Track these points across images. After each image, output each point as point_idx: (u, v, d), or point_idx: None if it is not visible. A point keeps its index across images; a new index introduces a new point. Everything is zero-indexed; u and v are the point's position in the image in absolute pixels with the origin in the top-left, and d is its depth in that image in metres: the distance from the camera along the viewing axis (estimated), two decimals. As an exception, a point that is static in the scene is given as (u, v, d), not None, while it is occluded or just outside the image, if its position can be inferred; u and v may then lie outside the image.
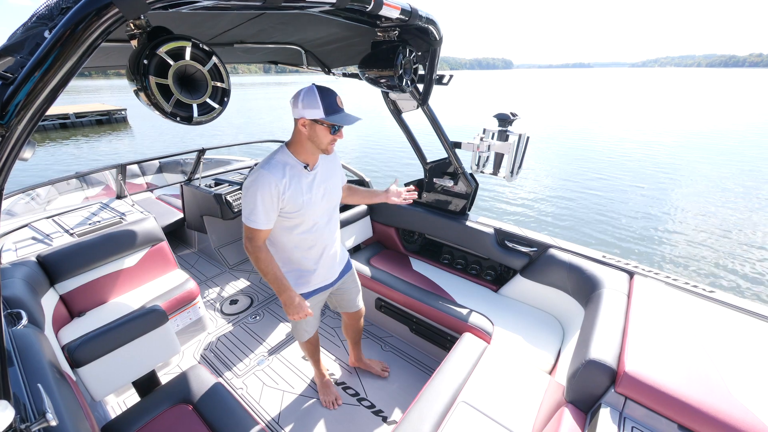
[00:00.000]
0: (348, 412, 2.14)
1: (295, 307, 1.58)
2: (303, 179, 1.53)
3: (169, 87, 0.96)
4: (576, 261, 2.14)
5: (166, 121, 1.03)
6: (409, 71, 1.82)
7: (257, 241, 1.51)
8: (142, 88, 0.94)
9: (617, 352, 1.41)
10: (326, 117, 1.37)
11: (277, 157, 1.50)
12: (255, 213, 1.45)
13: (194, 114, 1.03)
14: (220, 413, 1.61)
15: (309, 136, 1.44)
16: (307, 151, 1.51)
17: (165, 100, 0.96)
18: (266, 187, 1.42)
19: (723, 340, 1.43)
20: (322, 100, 1.36)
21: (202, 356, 2.59)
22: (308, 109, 1.37)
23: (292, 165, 1.50)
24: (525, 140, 2.30)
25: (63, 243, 2.40)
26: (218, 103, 1.08)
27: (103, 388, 1.65)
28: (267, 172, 1.43)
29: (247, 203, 1.46)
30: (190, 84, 1.03)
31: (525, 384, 1.70)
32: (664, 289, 1.79)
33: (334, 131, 1.42)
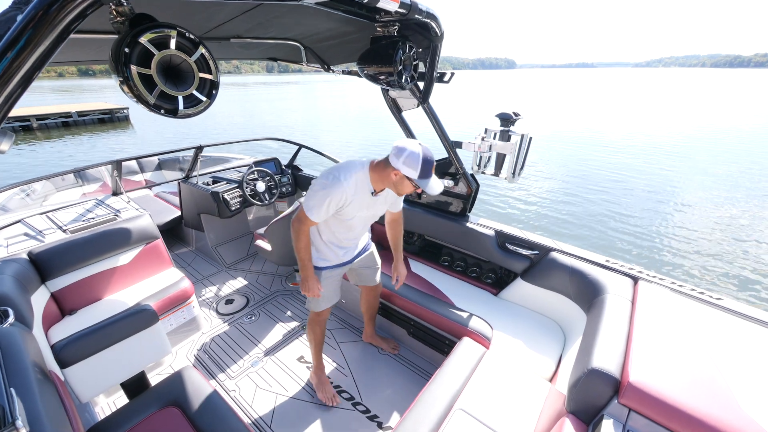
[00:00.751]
0: (342, 417, 2.09)
1: (309, 285, 1.89)
2: (365, 199, 1.74)
3: (152, 77, 0.91)
4: (578, 265, 2.09)
5: (165, 118, 0.99)
6: (409, 68, 1.77)
7: (304, 226, 1.75)
8: (124, 79, 0.90)
9: (621, 361, 1.35)
10: (417, 179, 1.55)
11: (358, 173, 1.68)
12: (316, 208, 1.66)
13: (180, 106, 0.98)
14: (209, 417, 1.55)
15: (395, 183, 1.64)
16: (381, 183, 1.70)
17: (148, 92, 0.92)
18: (335, 196, 1.63)
19: (731, 350, 1.38)
20: (422, 167, 1.52)
21: (195, 357, 2.55)
22: (407, 168, 1.54)
23: (364, 186, 1.70)
24: (528, 140, 2.25)
25: (55, 239, 2.35)
26: (206, 96, 1.03)
27: (90, 389, 1.60)
28: (345, 183, 1.63)
29: (314, 197, 1.66)
30: (176, 75, 0.98)
31: (524, 392, 1.64)
32: (670, 296, 1.73)
33: (417, 187, 1.62)
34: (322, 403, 2.17)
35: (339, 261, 2.01)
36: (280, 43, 2.32)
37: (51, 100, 35.51)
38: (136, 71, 0.89)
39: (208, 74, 1.02)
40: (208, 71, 1.02)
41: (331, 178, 1.64)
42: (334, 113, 26.59)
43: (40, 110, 20.52)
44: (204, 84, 1.02)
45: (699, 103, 33.38)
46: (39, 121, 19.54)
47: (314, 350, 2.23)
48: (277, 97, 41.41)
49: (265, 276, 3.53)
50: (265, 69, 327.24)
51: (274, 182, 3.67)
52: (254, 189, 3.52)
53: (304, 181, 4.03)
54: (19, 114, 19.21)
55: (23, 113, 19.45)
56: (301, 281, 1.91)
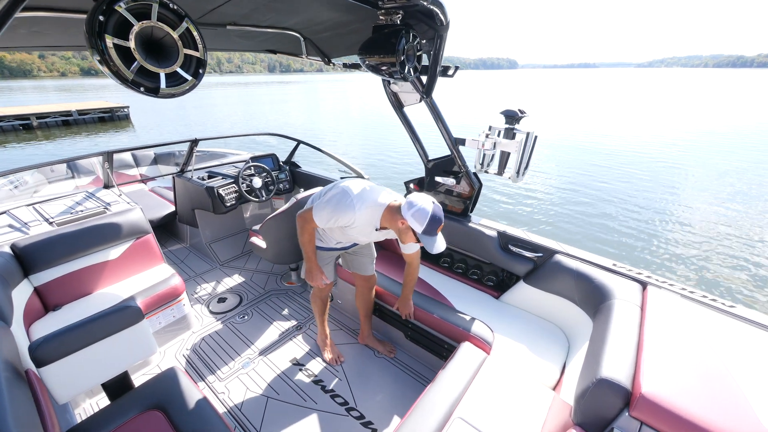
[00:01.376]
0: (335, 423, 1.99)
1: (313, 275, 2.06)
2: (368, 229, 1.84)
3: (131, 51, 0.83)
4: (584, 268, 2.00)
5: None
6: (412, 58, 1.70)
7: (308, 225, 1.87)
8: (98, 52, 0.81)
9: (631, 370, 1.26)
10: (421, 234, 1.62)
11: (374, 209, 1.74)
12: (325, 216, 1.76)
13: (162, 84, 0.90)
14: (193, 422, 1.46)
15: (400, 230, 1.71)
16: (390, 224, 1.75)
17: (126, 66, 0.83)
18: (345, 218, 1.73)
19: (747, 361, 1.29)
20: (428, 224, 1.59)
21: (184, 357, 2.45)
22: (414, 221, 1.61)
23: (372, 221, 1.77)
24: (533, 139, 2.17)
25: (41, 232, 2.26)
26: (192, 75, 0.95)
27: (68, 390, 1.50)
28: (357, 213, 1.71)
29: (325, 207, 1.75)
30: (159, 51, 0.90)
31: (527, 400, 1.55)
32: (681, 302, 1.65)
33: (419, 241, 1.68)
34: (328, 364, 2.38)
35: (335, 247, 2.13)
36: (279, 33, 2.24)
37: (53, 99, 35.51)
38: (113, 43, 0.81)
39: (194, 51, 0.93)
40: (194, 47, 0.93)
41: (348, 202, 1.71)
42: (336, 113, 26.57)
43: (41, 109, 20.45)
44: (189, 61, 0.94)
45: (703, 103, 33.43)
46: (39, 119, 19.46)
47: (318, 319, 2.44)
48: (279, 98, 41.42)
49: (259, 274, 3.44)
50: (267, 68, 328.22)
51: (271, 178, 3.59)
52: (250, 185, 3.43)
53: (302, 178, 3.95)
54: (19, 113, 19.15)
55: (24, 112, 19.39)
56: (306, 271, 2.06)
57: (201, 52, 0.95)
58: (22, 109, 20.08)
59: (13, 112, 19.27)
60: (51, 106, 21.85)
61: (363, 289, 2.37)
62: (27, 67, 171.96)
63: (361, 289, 2.37)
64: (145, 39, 0.86)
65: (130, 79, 0.85)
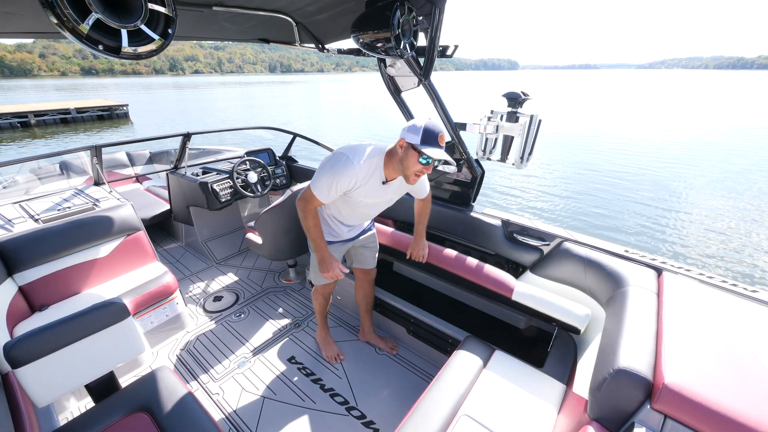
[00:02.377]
0: (335, 423, 1.91)
1: (327, 264, 1.79)
2: (375, 187, 1.67)
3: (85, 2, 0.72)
4: (594, 256, 1.89)
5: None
6: (409, 33, 1.59)
7: (310, 205, 1.68)
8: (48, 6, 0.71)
9: (652, 360, 1.16)
10: (420, 144, 1.46)
11: (374, 159, 1.61)
12: (324, 187, 1.60)
13: (123, 43, 0.79)
14: (182, 425, 1.37)
15: (401, 157, 1.54)
16: (394, 170, 1.62)
17: (80, 19, 0.73)
18: (344, 178, 1.56)
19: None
20: (425, 131, 1.46)
21: (177, 357, 2.37)
22: (410, 134, 1.49)
23: (376, 174, 1.63)
24: (537, 122, 2.06)
25: (26, 229, 2.18)
26: (160, 35, 0.84)
27: (47, 392, 1.41)
28: (356, 167, 1.56)
29: (323, 176, 1.59)
30: (121, 7, 0.79)
31: (538, 395, 1.46)
32: (699, 288, 1.54)
33: (423, 162, 1.49)
34: (327, 362, 2.29)
35: (342, 238, 2.00)
36: (270, 18, 2.13)
37: (53, 98, 35.50)
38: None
39: (161, 5, 0.82)
40: (160, 2, 0.82)
41: (344, 161, 1.57)
42: (337, 112, 26.43)
43: (39, 107, 20.41)
44: (157, 19, 0.83)
45: (705, 103, 33.15)
46: (37, 117, 19.42)
47: (319, 316, 2.35)
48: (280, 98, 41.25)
49: (257, 272, 3.35)
50: (267, 69, 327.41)
51: (267, 173, 3.49)
52: (246, 180, 3.33)
53: (299, 173, 3.85)
54: (17, 110, 19.10)
55: (21, 110, 19.35)
56: (318, 262, 1.81)
57: (168, 8, 0.84)
58: (21, 107, 20.05)
59: (11, 109, 19.24)
60: (49, 104, 21.81)
61: (363, 282, 2.29)
62: (27, 66, 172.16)
63: (361, 282, 2.29)
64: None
65: (85, 34, 0.74)
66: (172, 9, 0.86)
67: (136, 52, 0.82)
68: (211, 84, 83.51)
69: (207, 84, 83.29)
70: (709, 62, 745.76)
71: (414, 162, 1.51)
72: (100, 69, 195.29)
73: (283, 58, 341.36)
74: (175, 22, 0.88)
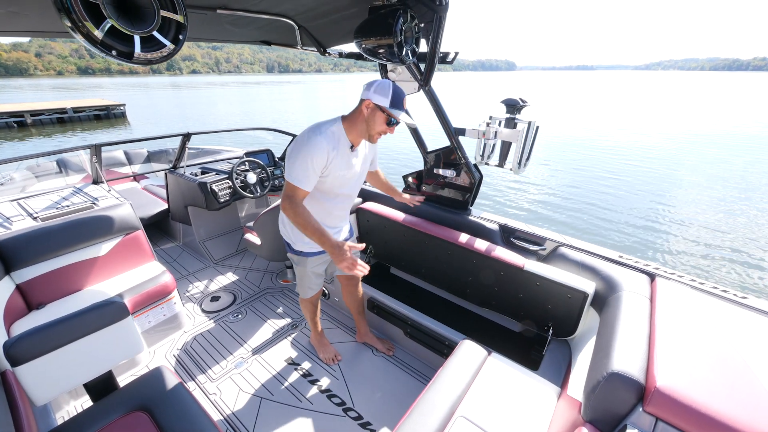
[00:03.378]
0: (332, 424, 1.92)
1: (343, 255, 1.51)
2: (346, 157, 1.64)
3: (99, 8, 0.75)
4: (589, 261, 1.93)
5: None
6: (411, 40, 1.62)
7: (296, 199, 1.57)
8: (64, 10, 0.73)
9: (644, 364, 1.19)
10: (389, 107, 1.48)
11: (333, 128, 1.58)
12: (301, 172, 1.53)
13: (136, 49, 0.82)
14: (181, 424, 1.38)
15: (367, 118, 1.54)
16: (358, 132, 1.61)
17: (95, 25, 0.75)
18: (317, 153, 1.52)
19: (764, 351, 1.22)
20: (393, 94, 1.48)
21: (175, 357, 2.37)
22: (377, 95, 1.48)
23: (342, 141, 1.60)
24: (534, 129, 2.10)
25: (24, 227, 2.17)
26: (171, 41, 0.86)
27: (46, 391, 1.42)
28: (323, 139, 1.52)
29: (295, 162, 1.53)
30: (135, 13, 0.81)
31: (533, 398, 1.48)
32: (691, 294, 1.57)
33: (390, 123, 1.54)
34: (324, 364, 2.31)
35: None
36: (273, 21, 2.15)
37: (49, 98, 35.30)
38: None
39: (173, 13, 0.85)
40: (172, 9, 0.84)
41: (305, 138, 1.54)
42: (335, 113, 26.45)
43: (35, 106, 20.29)
44: (168, 25, 0.86)
45: (701, 104, 33.59)
46: (33, 116, 19.30)
47: (311, 323, 2.32)
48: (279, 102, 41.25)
49: (254, 272, 3.36)
50: (265, 69, 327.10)
51: (266, 174, 3.50)
52: (245, 180, 3.34)
53: None
54: (13, 109, 18.98)
55: (18, 109, 19.22)
56: (332, 255, 1.52)
57: (181, 16, 0.87)
58: (17, 106, 19.92)
59: (7, 109, 19.11)
60: (46, 104, 21.69)
61: (349, 287, 2.28)
62: (23, 65, 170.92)
63: (348, 288, 2.28)
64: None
65: (99, 40, 0.76)
66: (184, 16, 0.88)
67: (147, 57, 0.85)
68: (209, 84, 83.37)
69: (205, 84, 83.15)
70: (705, 64, 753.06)
71: (381, 123, 1.53)
72: (97, 68, 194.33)
73: (281, 58, 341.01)
74: (186, 29, 0.90)
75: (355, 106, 1.59)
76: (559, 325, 1.95)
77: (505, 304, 2.17)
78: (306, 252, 1.88)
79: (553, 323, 1.97)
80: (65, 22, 0.75)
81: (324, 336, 2.40)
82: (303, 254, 1.89)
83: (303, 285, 2.05)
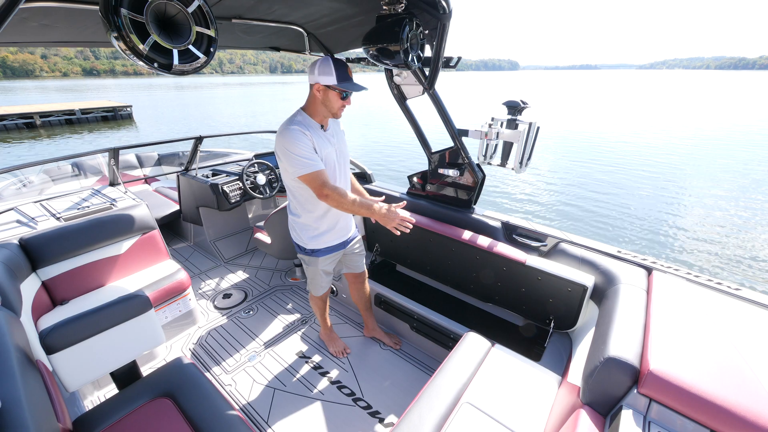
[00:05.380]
0: (342, 413, 2.01)
1: (390, 215, 1.61)
2: (322, 137, 1.72)
3: (145, 26, 0.84)
4: (589, 256, 2.00)
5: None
6: (416, 47, 1.71)
7: (328, 181, 1.63)
8: (115, 27, 0.83)
9: (639, 349, 1.27)
10: (338, 84, 1.56)
11: (297, 117, 1.68)
12: (309, 158, 1.60)
13: (174, 61, 0.91)
14: (203, 409, 1.48)
15: (322, 100, 1.63)
16: (321, 114, 1.70)
17: (140, 41, 0.85)
18: (301, 137, 1.59)
19: (755, 340, 1.29)
20: (336, 70, 1.55)
21: (190, 351, 2.47)
22: (323, 76, 1.56)
23: (310, 125, 1.68)
24: (535, 129, 2.18)
25: (48, 227, 2.28)
26: (203, 53, 0.96)
27: (78, 377, 1.52)
28: (296, 126, 1.61)
29: (293, 154, 1.59)
30: (172, 29, 0.91)
31: (535, 386, 1.56)
32: (686, 286, 1.65)
33: (344, 97, 1.63)
34: (334, 357, 2.40)
35: (334, 241, 1.98)
36: (283, 29, 2.25)
37: (55, 99, 35.67)
38: (129, 17, 0.82)
39: (206, 29, 0.95)
40: (205, 25, 0.95)
41: (283, 135, 1.61)
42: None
43: (44, 108, 20.56)
44: (201, 39, 0.96)
45: (705, 104, 33.33)
46: (42, 118, 19.58)
47: (320, 318, 2.40)
48: (281, 98, 41.44)
49: (264, 271, 3.46)
50: (268, 69, 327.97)
51: (274, 176, 3.60)
52: (254, 182, 3.45)
53: None
54: (22, 111, 19.25)
55: (27, 110, 19.49)
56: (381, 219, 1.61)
57: (212, 30, 0.97)
58: (26, 108, 20.21)
59: (17, 110, 19.40)
60: (54, 105, 21.98)
61: (357, 284, 2.36)
62: (29, 67, 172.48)
63: (355, 285, 2.37)
64: (158, 16, 0.88)
65: (144, 54, 0.87)
66: (215, 30, 0.98)
67: (183, 69, 0.95)
68: (213, 85, 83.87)
69: (208, 84, 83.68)
70: (710, 62, 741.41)
71: (336, 99, 1.62)
72: (102, 70, 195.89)
73: (283, 59, 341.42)
74: (216, 41, 1.00)
75: (309, 93, 1.67)
76: (560, 318, 2.03)
77: (508, 299, 2.25)
78: (317, 250, 1.95)
79: (554, 316, 2.05)
80: (114, 40, 0.85)
81: (333, 331, 2.49)
82: (314, 254, 1.96)
83: (315, 284, 2.14)
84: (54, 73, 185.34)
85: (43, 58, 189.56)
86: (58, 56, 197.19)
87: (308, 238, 1.92)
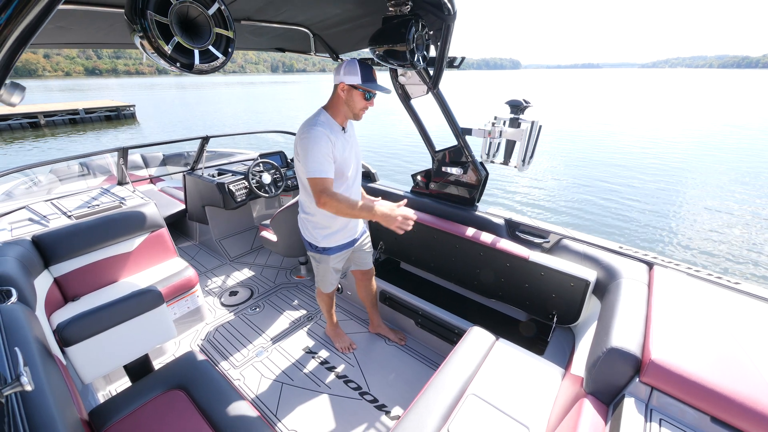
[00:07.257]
0: (349, 406, 2.05)
1: (393, 215, 1.59)
2: (341, 138, 1.75)
3: (169, 28, 0.89)
4: (591, 251, 2.04)
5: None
6: (422, 47, 1.74)
7: (329, 189, 1.63)
8: (141, 29, 0.87)
9: (641, 340, 1.31)
10: (362, 83, 1.59)
11: (321, 117, 1.70)
12: (320, 163, 1.61)
13: (195, 61, 0.96)
14: (216, 401, 1.52)
15: (346, 100, 1.67)
16: (342, 115, 1.73)
17: (165, 42, 0.90)
18: (323, 142, 1.62)
19: (754, 331, 1.33)
20: (361, 70, 1.59)
21: (199, 346, 2.52)
22: (348, 76, 1.59)
23: (333, 125, 1.71)
24: (537, 128, 2.21)
25: (60, 224, 2.33)
26: (222, 53, 1.01)
27: (93, 370, 1.57)
28: (321, 129, 1.63)
29: (311, 155, 1.60)
30: (192, 30, 0.96)
31: (539, 378, 1.60)
32: (687, 280, 1.68)
33: (368, 98, 1.66)
34: (340, 353, 2.44)
35: (345, 240, 2.03)
36: (289, 30, 2.28)
37: (58, 99, 35.83)
38: (154, 19, 0.87)
39: (225, 30, 1.00)
40: (224, 27, 1.00)
41: (306, 134, 1.63)
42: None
43: (48, 107, 20.68)
44: (220, 40, 1.00)
45: (708, 102, 33.22)
46: (46, 117, 19.70)
47: (326, 315, 2.44)
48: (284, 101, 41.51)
49: (269, 269, 3.51)
50: (269, 68, 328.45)
51: (279, 175, 3.65)
52: (260, 181, 3.49)
53: None
54: (26, 111, 19.36)
55: (31, 110, 19.61)
56: (383, 220, 1.59)
57: (231, 32, 1.02)
58: (30, 108, 20.31)
59: (21, 110, 19.51)
60: (58, 105, 22.09)
61: (364, 281, 2.40)
62: (32, 66, 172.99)
63: (362, 282, 2.40)
64: (181, 18, 0.93)
65: (168, 55, 0.91)
66: (233, 32, 1.03)
67: (203, 68, 0.99)
68: (214, 84, 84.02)
69: (209, 84, 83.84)
70: (713, 61, 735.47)
71: (360, 100, 1.65)
72: (104, 69, 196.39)
73: (285, 58, 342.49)
74: (234, 42, 1.05)
75: (332, 93, 1.71)
76: (562, 312, 2.07)
77: (511, 295, 2.29)
78: (329, 248, 1.99)
79: (557, 311, 2.08)
80: (138, 40, 0.90)
81: (339, 327, 2.54)
82: (326, 252, 2.00)
83: (324, 281, 2.17)
84: (57, 72, 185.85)
85: (46, 57, 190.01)
86: (60, 56, 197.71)
87: (321, 237, 1.96)
